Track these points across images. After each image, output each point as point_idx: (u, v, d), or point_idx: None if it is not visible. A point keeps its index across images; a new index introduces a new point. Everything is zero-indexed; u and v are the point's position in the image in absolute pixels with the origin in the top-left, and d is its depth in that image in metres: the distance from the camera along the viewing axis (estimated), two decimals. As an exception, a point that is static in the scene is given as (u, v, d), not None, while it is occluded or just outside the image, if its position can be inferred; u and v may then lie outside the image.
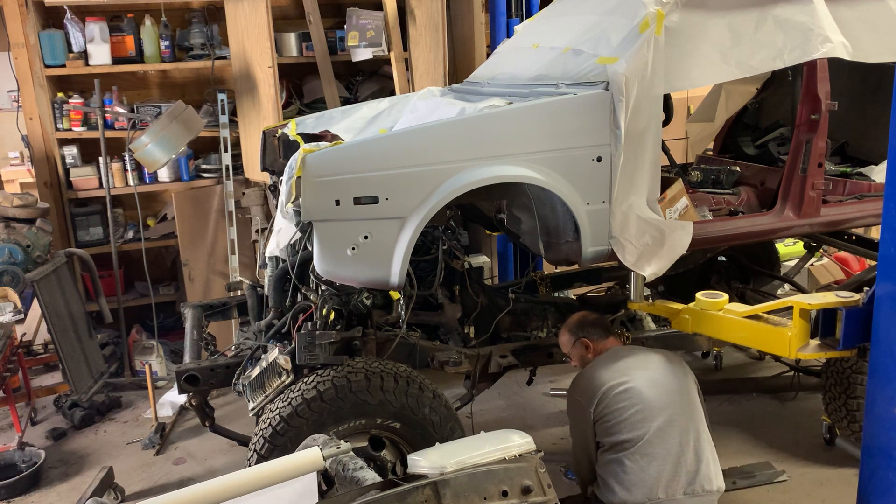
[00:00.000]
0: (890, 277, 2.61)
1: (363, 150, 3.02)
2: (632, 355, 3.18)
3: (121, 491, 3.88)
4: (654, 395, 3.00)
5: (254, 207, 5.25)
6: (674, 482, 2.93)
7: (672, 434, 2.96)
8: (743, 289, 4.85)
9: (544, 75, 3.54)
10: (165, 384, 5.13)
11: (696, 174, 4.18)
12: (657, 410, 2.97)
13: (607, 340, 3.30)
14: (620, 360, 3.13)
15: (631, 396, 2.98)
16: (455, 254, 3.70)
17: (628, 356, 3.16)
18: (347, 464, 2.05)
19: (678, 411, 3.01)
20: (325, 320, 3.24)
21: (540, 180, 3.10)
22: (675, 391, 3.06)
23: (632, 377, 3.03)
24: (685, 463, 2.96)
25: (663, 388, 3.04)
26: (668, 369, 3.12)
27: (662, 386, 3.04)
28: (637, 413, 2.96)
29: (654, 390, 3.01)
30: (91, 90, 5.25)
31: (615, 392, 3.00)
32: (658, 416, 2.97)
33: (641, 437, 2.94)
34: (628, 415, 2.96)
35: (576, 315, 3.44)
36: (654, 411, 2.97)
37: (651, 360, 3.15)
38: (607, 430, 3.00)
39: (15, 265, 4.27)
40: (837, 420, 3.78)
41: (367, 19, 5.29)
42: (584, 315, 3.42)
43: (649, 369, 3.09)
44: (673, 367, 3.15)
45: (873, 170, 4.30)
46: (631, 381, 3.02)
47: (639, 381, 3.02)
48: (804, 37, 3.31)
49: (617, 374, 3.05)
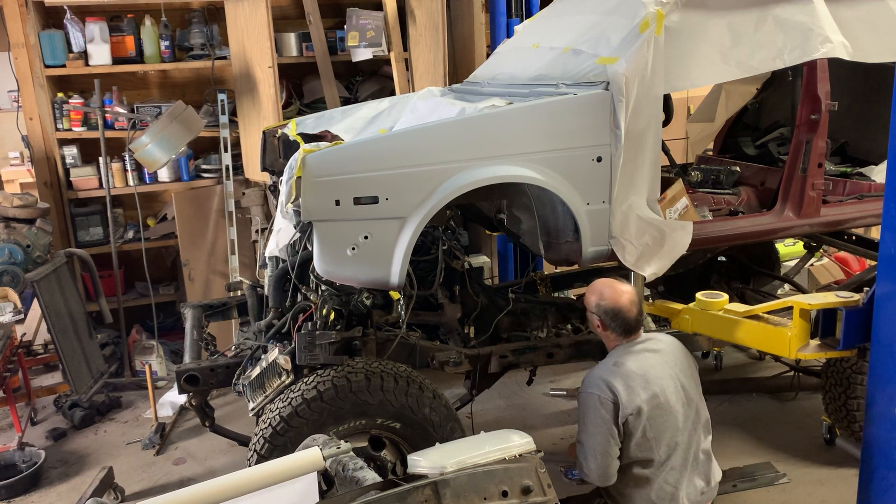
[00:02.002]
0: (890, 277, 2.61)
1: (363, 150, 3.02)
2: (656, 353, 2.95)
3: (121, 491, 3.89)
4: (681, 406, 2.85)
5: (254, 207, 5.25)
6: (692, 484, 2.87)
7: (690, 438, 2.88)
8: (743, 289, 4.85)
9: (544, 75, 3.54)
10: (165, 384, 5.13)
11: (696, 174, 4.17)
12: (682, 421, 2.85)
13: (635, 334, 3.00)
14: (647, 363, 2.89)
15: (664, 413, 2.81)
16: (455, 254, 3.69)
17: (653, 355, 2.93)
18: (347, 464, 2.05)
19: (693, 414, 2.90)
20: (325, 320, 3.24)
21: (540, 180, 3.10)
22: (693, 388, 2.93)
23: (662, 387, 2.83)
24: (699, 463, 2.90)
25: (684, 391, 2.89)
26: (684, 364, 2.97)
27: (684, 389, 2.89)
28: (669, 431, 2.81)
29: (678, 398, 2.85)
30: (91, 90, 5.25)
31: (650, 407, 2.80)
32: (685, 429, 2.85)
33: (670, 454, 2.83)
34: (661, 433, 2.81)
35: (613, 293, 2.96)
36: (680, 424, 2.84)
37: (670, 357, 2.96)
38: (636, 446, 2.81)
39: (15, 265, 4.27)
40: (837, 420, 3.78)
41: (367, 19, 5.29)
42: (621, 300, 2.94)
43: (673, 370, 2.91)
44: (687, 358, 3.01)
45: (873, 170, 4.30)
46: (661, 394, 2.82)
47: (669, 393, 2.83)
48: (804, 37, 3.31)
49: (650, 383, 2.83)
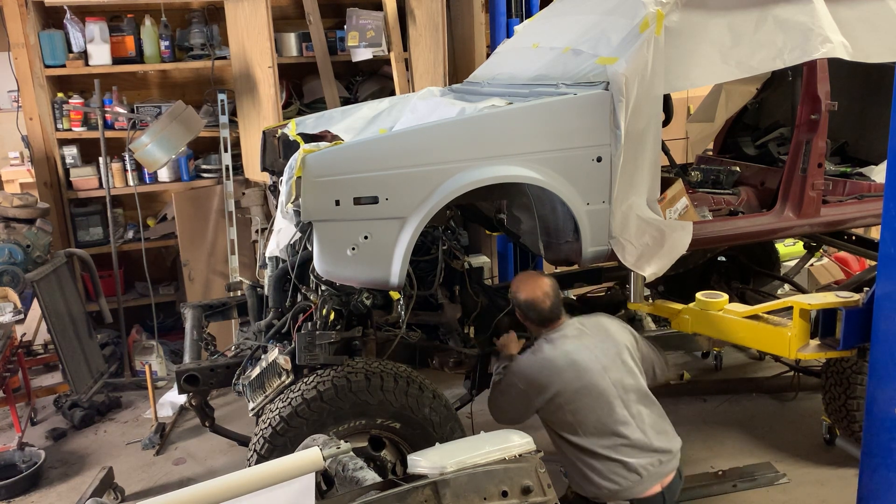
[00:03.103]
0: (890, 277, 2.61)
1: (363, 150, 3.01)
2: (575, 339, 3.03)
3: (121, 491, 3.89)
4: (606, 385, 2.91)
5: (254, 207, 5.25)
6: (643, 455, 2.88)
7: (625, 413, 2.91)
8: (743, 289, 4.85)
9: (544, 75, 3.54)
10: (165, 384, 5.13)
11: (696, 174, 4.18)
12: (610, 400, 2.89)
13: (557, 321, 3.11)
14: (565, 349, 2.99)
15: (582, 396, 2.89)
16: (455, 254, 3.69)
17: (572, 341, 3.02)
18: (347, 464, 2.05)
19: (623, 391, 2.93)
20: (325, 320, 3.24)
21: (540, 180, 3.09)
22: (619, 368, 2.97)
23: (580, 371, 2.92)
24: (647, 435, 2.91)
25: (608, 372, 2.95)
26: (608, 345, 3.02)
27: (607, 370, 2.95)
28: (594, 412, 2.89)
29: (602, 378, 2.92)
30: (91, 90, 5.25)
31: (567, 391, 2.91)
32: (615, 406, 2.89)
33: (605, 432, 2.88)
34: (585, 415, 2.89)
35: (529, 286, 3.13)
36: (606, 404, 2.89)
37: (589, 340, 3.03)
38: (560, 426, 2.94)
39: (15, 265, 4.27)
40: (837, 420, 3.78)
41: (367, 19, 5.29)
42: (535, 293, 3.09)
43: (593, 353, 2.98)
44: (610, 340, 3.04)
45: (873, 170, 4.30)
46: (578, 378, 2.91)
47: (589, 376, 2.91)
48: (804, 37, 3.31)
49: (565, 370, 2.93)
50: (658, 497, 2.91)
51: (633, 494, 2.87)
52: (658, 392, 3.11)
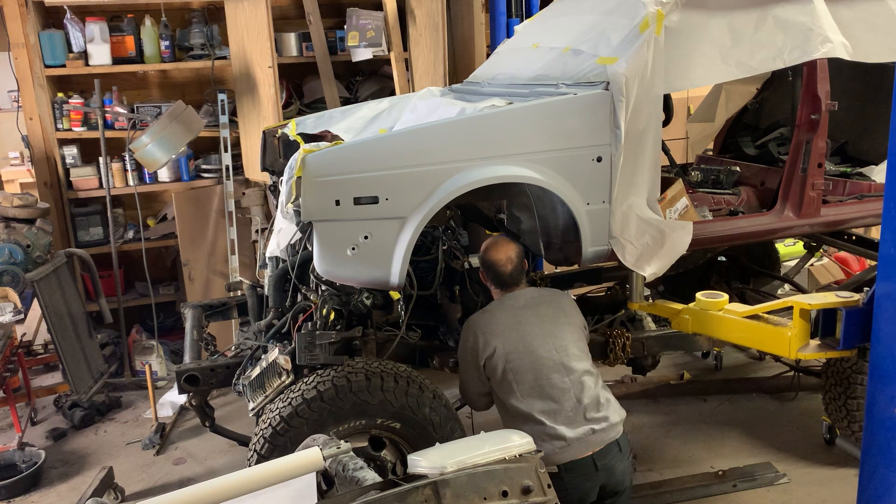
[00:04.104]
0: (890, 277, 2.61)
1: (363, 150, 3.01)
2: (524, 308, 3.11)
3: (121, 491, 3.89)
4: (544, 352, 2.97)
5: (254, 207, 5.25)
6: (577, 421, 2.89)
7: (561, 381, 2.94)
8: (743, 289, 4.85)
9: (544, 75, 3.54)
10: (165, 384, 5.14)
11: (696, 174, 4.17)
12: (548, 366, 2.95)
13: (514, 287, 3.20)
14: (511, 313, 3.08)
15: (520, 357, 2.97)
16: (455, 254, 3.69)
17: (522, 308, 3.11)
18: (347, 464, 2.05)
19: (564, 359, 2.98)
20: (325, 320, 3.24)
21: (540, 180, 3.09)
22: (561, 334, 3.04)
23: (522, 334, 3.00)
24: (583, 404, 2.92)
25: (552, 339, 3.01)
26: (550, 312, 3.09)
27: (551, 337, 3.01)
28: (530, 373, 2.95)
29: (541, 345, 2.99)
30: (91, 90, 5.25)
31: (507, 352, 2.98)
32: (551, 373, 2.94)
33: (537, 396, 2.92)
34: (521, 376, 2.95)
35: (496, 248, 3.22)
36: (545, 369, 2.94)
37: (536, 307, 3.11)
38: (497, 384, 3.01)
39: (15, 265, 4.27)
40: (837, 420, 3.78)
41: (367, 19, 5.29)
42: (499, 256, 3.19)
43: (536, 317, 3.06)
44: (552, 306, 3.12)
45: (873, 170, 4.30)
46: (521, 341, 2.99)
47: (528, 339, 2.99)
48: (804, 37, 3.31)
49: (508, 330, 3.02)
50: (587, 461, 2.87)
51: (560, 460, 2.86)
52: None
